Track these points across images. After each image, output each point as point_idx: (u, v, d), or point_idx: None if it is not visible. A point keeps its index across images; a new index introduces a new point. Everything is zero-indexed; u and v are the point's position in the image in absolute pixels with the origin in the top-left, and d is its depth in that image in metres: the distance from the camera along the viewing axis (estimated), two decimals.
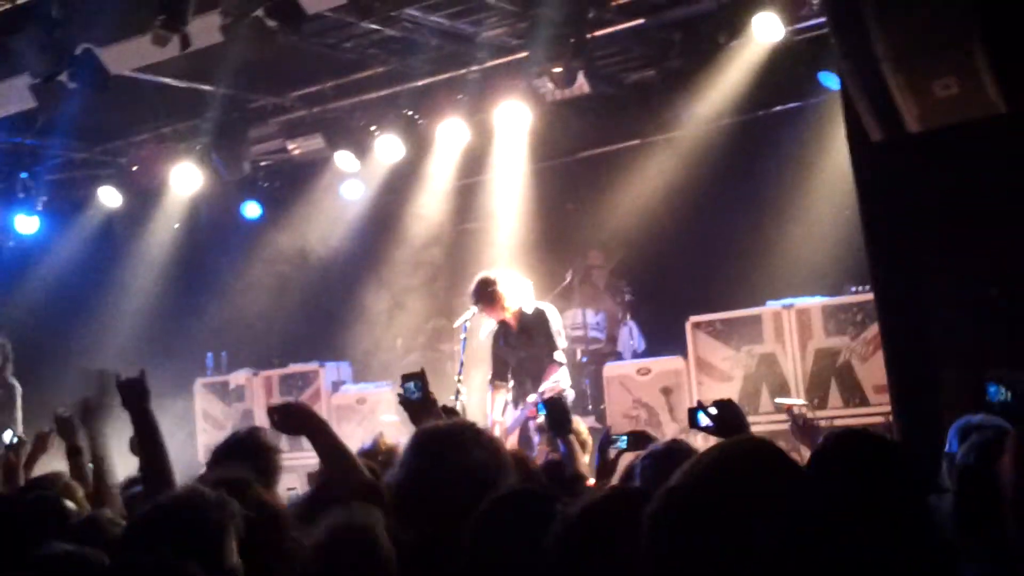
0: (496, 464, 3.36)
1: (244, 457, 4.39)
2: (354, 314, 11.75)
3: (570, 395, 8.76)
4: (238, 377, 12.33)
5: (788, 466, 2.26)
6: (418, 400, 4.53)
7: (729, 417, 4.26)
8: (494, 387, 8.82)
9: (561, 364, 8.58)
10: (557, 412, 5.27)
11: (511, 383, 8.77)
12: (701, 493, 2.13)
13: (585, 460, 5.43)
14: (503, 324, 8.81)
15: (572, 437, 5.25)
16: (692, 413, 4.40)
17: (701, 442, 6.52)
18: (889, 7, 5.85)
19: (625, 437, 5.32)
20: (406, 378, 4.60)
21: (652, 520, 2.15)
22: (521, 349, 8.71)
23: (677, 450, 4.17)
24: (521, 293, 8.75)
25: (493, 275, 8.73)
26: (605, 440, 5.40)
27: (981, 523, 3.41)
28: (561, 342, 8.68)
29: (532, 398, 8.39)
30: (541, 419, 5.76)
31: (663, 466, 3.90)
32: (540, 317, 8.66)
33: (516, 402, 8.68)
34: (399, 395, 4.62)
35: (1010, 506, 3.19)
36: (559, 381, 8.44)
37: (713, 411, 4.31)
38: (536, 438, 8.18)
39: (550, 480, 4.80)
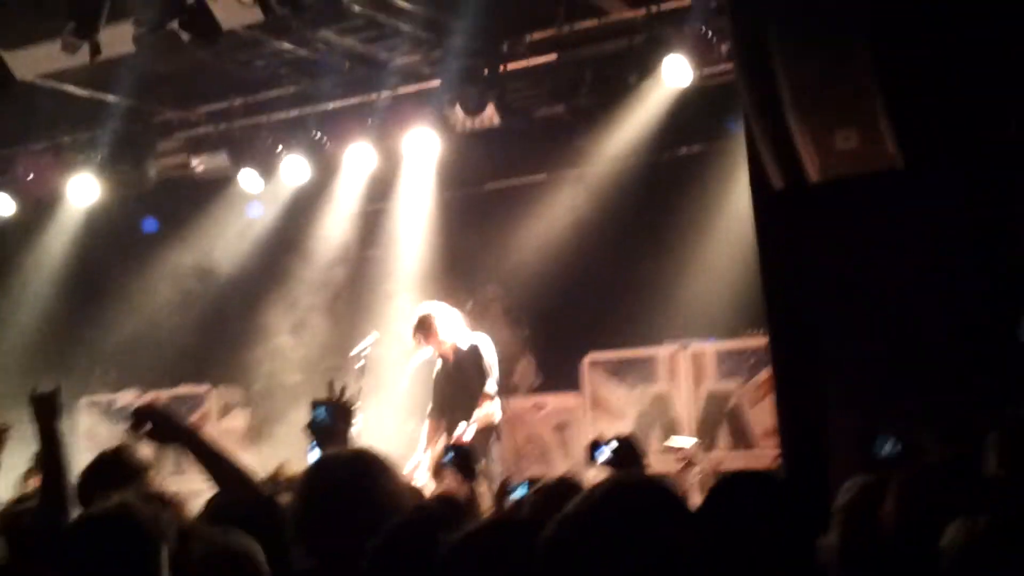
0: (398, 493, 3.34)
1: (115, 481, 4.21)
2: (252, 335, 11.55)
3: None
4: (125, 396, 12.06)
5: (676, 502, 2.29)
6: (327, 428, 4.36)
7: (628, 453, 4.32)
8: (431, 419, 8.97)
9: (492, 396, 8.75)
10: (464, 458, 5.30)
11: (445, 415, 8.90)
12: (595, 521, 2.16)
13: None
14: (442, 357, 8.98)
15: (477, 483, 5.26)
16: (592, 448, 4.44)
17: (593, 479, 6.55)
18: (794, 58, 6.00)
19: (525, 484, 5.31)
20: (316, 404, 4.41)
21: (546, 546, 2.17)
22: (455, 382, 8.89)
23: (566, 485, 4.19)
24: (457, 326, 8.95)
25: (432, 309, 8.96)
26: (503, 489, 5.39)
27: (863, 563, 3.49)
28: (494, 373, 8.84)
29: (460, 429, 8.56)
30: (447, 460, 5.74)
31: (551, 499, 3.91)
32: (474, 351, 8.86)
33: (449, 432, 8.79)
34: (309, 422, 4.42)
35: (892, 548, 3.27)
36: (493, 413, 8.65)
37: (613, 446, 4.37)
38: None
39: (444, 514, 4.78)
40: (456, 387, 8.86)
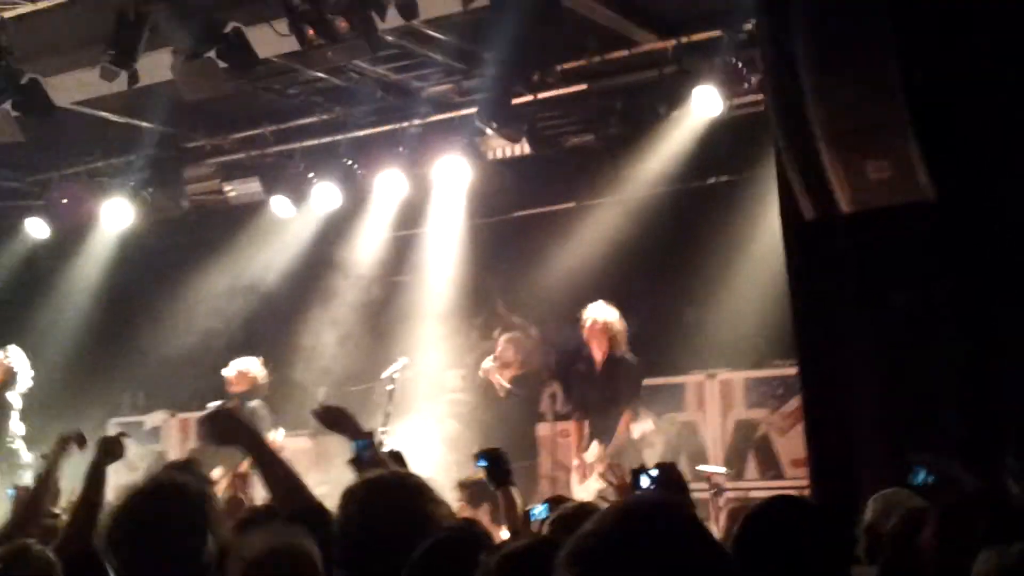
0: (439, 517, 3.37)
1: None
2: (288, 355, 11.50)
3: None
4: (154, 418, 12.12)
5: (692, 522, 2.31)
6: (368, 462, 4.33)
7: (670, 480, 4.32)
8: (575, 421, 9.23)
9: (634, 416, 8.93)
10: (498, 463, 5.27)
11: (588, 417, 9.11)
12: (608, 538, 2.20)
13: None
14: (593, 360, 9.09)
15: (512, 490, 5.22)
16: (634, 475, 4.46)
17: None
18: (826, 89, 6.04)
19: (545, 505, 5.30)
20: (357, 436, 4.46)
21: (562, 564, 2.22)
22: (601, 390, 8.99)
23: (586, 511, 4.21)
24: (624, 335, 9.11)
25: (610, 313, 9.13)
26: (525, 513, 5.39)
27: None
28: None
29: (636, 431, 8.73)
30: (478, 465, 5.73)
31: (571, 525, 3.93)
32: (632, 368, 9.04)
33: (593, 436, 8.96)
34: (352, 458, 4.43)
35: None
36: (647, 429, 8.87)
37: (654, 473, 4.38)
38: None
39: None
40: (601, 394, 8.98)
